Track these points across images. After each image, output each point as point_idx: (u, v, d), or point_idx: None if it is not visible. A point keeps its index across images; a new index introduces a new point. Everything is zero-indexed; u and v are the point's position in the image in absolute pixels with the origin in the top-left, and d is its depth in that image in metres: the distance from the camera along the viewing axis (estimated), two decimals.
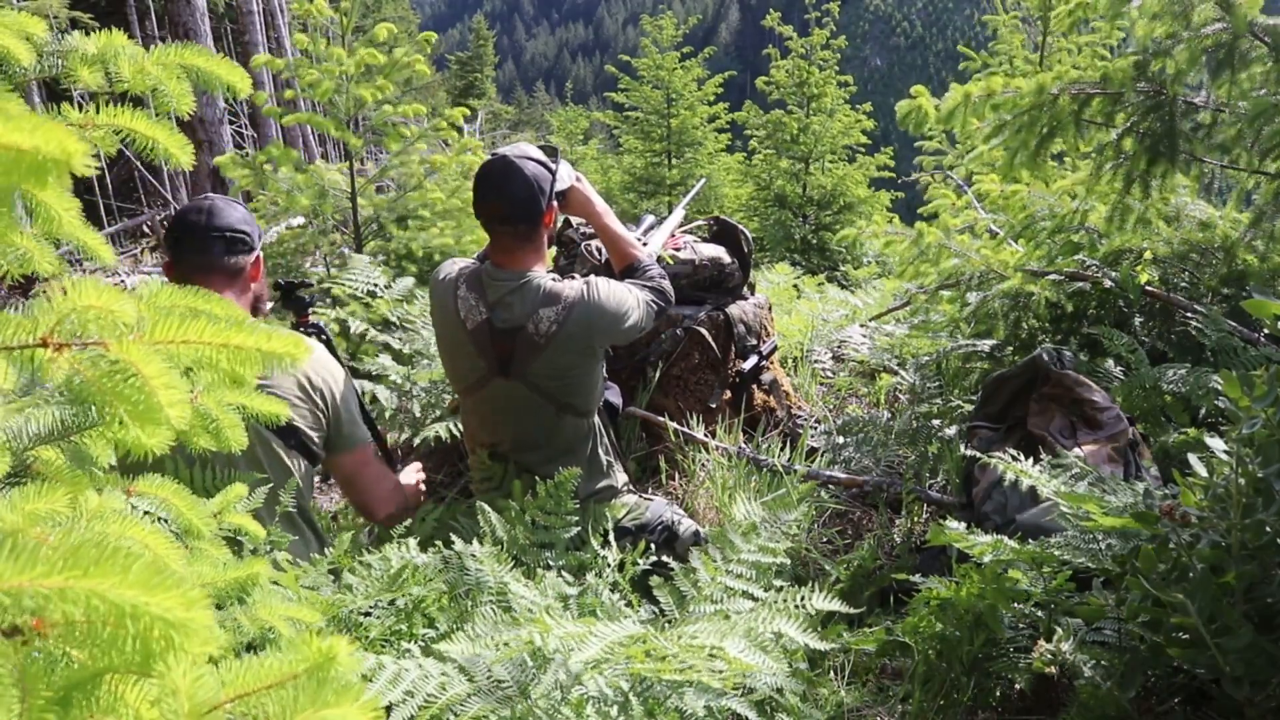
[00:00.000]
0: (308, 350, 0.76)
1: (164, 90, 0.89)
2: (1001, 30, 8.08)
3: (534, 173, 2.10)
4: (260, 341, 0.72)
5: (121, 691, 0.55)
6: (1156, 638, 1.42)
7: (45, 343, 0.65)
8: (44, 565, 0.48)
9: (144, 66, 0.88)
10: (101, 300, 0.66)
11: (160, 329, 0.68)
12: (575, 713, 1.16)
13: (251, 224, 1.96)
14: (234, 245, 1.90)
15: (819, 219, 10.41)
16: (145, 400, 0.64)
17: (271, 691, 0.60)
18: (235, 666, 0.61)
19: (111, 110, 0.83)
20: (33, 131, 0.53)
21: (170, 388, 0.65)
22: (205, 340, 0.70)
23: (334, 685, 0.60)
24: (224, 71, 0.92)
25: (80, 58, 0.87)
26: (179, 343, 0.69)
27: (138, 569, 0.49)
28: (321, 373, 1.97)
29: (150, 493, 0.97)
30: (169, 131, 0.84)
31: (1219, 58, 2.20)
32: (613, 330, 2.13)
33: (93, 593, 0.48)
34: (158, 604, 0.49)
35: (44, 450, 0.87)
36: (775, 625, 1.17)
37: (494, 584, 1.49)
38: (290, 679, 0.61)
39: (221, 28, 14.11)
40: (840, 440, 2.99)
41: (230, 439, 0.92)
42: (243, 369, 0.71)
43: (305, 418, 1.91)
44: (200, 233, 1.87)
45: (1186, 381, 2.36)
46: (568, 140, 15.90)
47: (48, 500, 0.73)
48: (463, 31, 74.11)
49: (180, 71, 0.90)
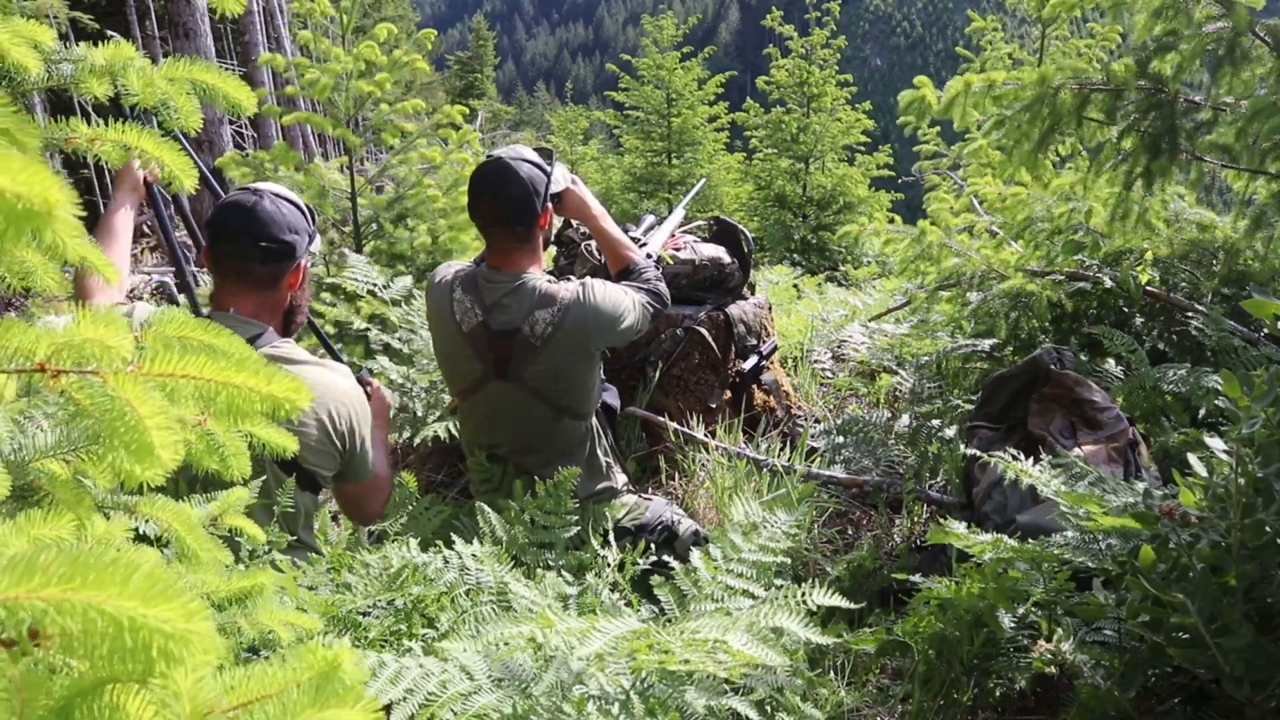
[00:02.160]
0: (309, 397, 0.74)
1: (172, 105, 0.90)
2: (988, 34, 8.05)
3: (529, 175, 2.10)
4: (261, 383, 0.70)
5: (122, 701, 0.54)
6: (1156, 638, 1.42)
7: (43, 368, 0.64)
8: (41, 577, 0.47)
9: (153, 80, 0.89)
10: (100, 333, 0.65)
11: (159, 362, 0.67)
12: (577, 710, 1.16)
13: (299, 229, 1.80)
14: (271, 254, 1.76)
15: (819, 219, 10.41)
16: (138, 439, 0.63)
17: (274, 697, 0.59)
18: (239, 674, 0.61)
19: (119, 127, 0.84)
20: (17, 175, 0.51)
21: (164, 428, 0.63)
22: (205, 377, 0.68)
23: (335, 687, 0.60)
24: (231, 89, 0.93)
25: (89, 69, 0.88)
26: (177, 376, 0.67)
27: (137, 580, 0.49)
28: (344, 409, 1.84)
29: (153, 515, 0.97)
30: (175, 152, 0.84)
31: (1219, 55, 2.20)
32: (608, 332, 2.13)
33: (90, 605, 0.47)
34: (157, 616, 0.48)
35: (50, 463, 0.87)
36: (776, 620, 1.17)
37: (494, 584, 1.49)
38: (294, 683, 0.60)
39: (222, 27, 14.10)
40: (840, 440, 2.99)
41: (235, 467, 0.91)
42: (245, 408, 0.70)
43: (320, 458, 1.81)
44: (238, 236, 1.75)
45: (1186, 381, 2.36)
46: (568, 140, 15.88)
47: (53, 526, 0.72)
48: (463, 31, 74.14)
49: (189, 87, 0.91)
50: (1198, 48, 2.22)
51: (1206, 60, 2.24)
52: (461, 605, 1.47)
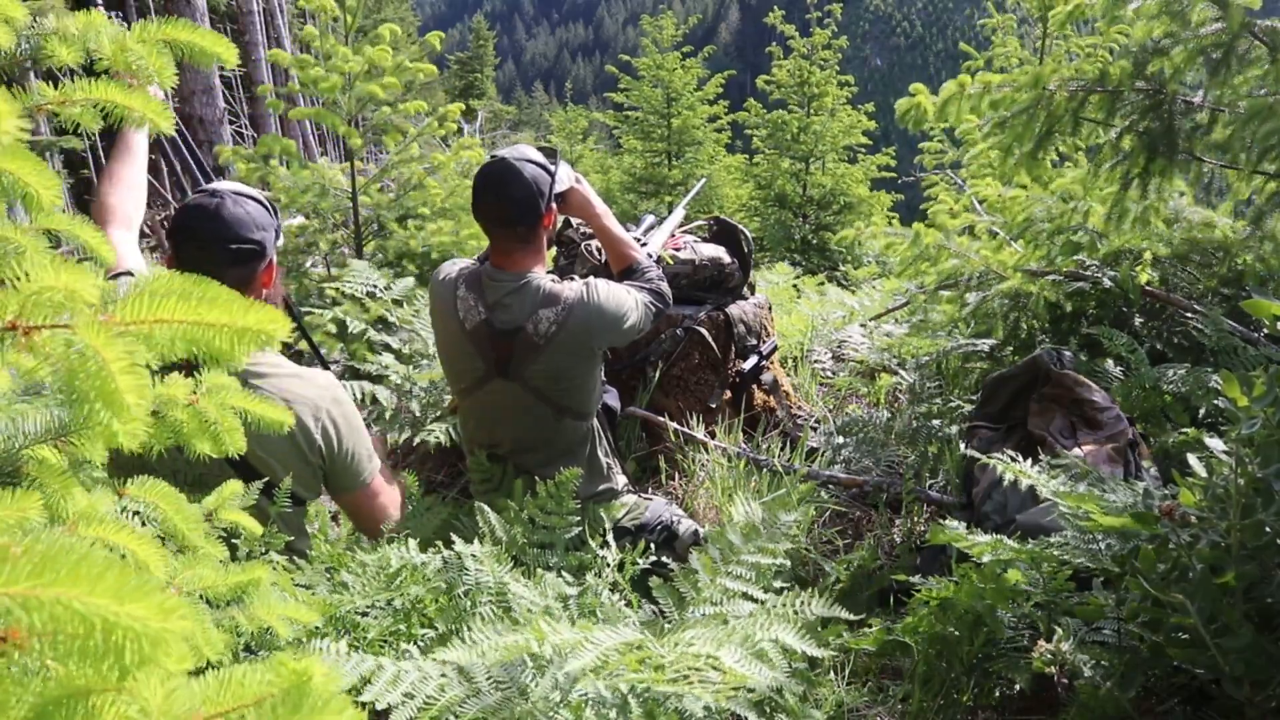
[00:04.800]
0: (286, 324, 0.69)
1: (145, 66, 0.85)
2: (998, 34, 8.07)
3: (533, 175, 2.10)
4: (235, 316, 0.65)
5: (99, 707, 0.52)
6: (1156, 638, 1.42)
7: (14, 326, 0.60)
8: (10, 571, 0.45)
9: (125, 44, 0.84)
10: (61, 279, 0.61)
11: (130, 309, 0.64)
12: (574, 715, 1.16)
13: (265, 225, 1.77)
14: (243, 256, 1.72)
15: (819, 219, 10.41)
16: (104, 386, 0.59)
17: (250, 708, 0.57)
18: (212, 682, 0.58)
19: (86, 84, 0.79)
20: None
21: (129, 373, 0.60)
22: (176, 319, 0.64)
23: (313, 701, 0.58)
24: (209, 43, 0.88)
25: (59, 37, 0.83)
26: (150, 322, 0.63)
27: (110, 576, 0.46)
28: (317, 423, 1.79)
29: (141, 496, 0.96)
30: (146, 99, 0.80)
31: (1216, 57, 2.20)
32: (612, 332, 2.13)
33: (59, 601, 0.45)
34: (129, 614, 0.45)
35: (41, 449, 0.86)
36: (773, 632, 1.17)
37: (493, 584, 1.49)
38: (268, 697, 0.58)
39: (222, 27, 14.11)
40: (840, 440, 2.99)
41: (230, 442, 0.91)
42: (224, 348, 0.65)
43: (293, 474, 1.72)
44: (207, 241, 1.69)
45: (1186, 381, 2.36)
46: (567, 140, 15.88)
47: (18, 507, 0.68)
48: (463, 31, 74.11)
49: (162, 46, 0.86)
50: (1195, 49, 2.22)
51: (1204, 61, 2.24)
52: (461, 606, 1.47)
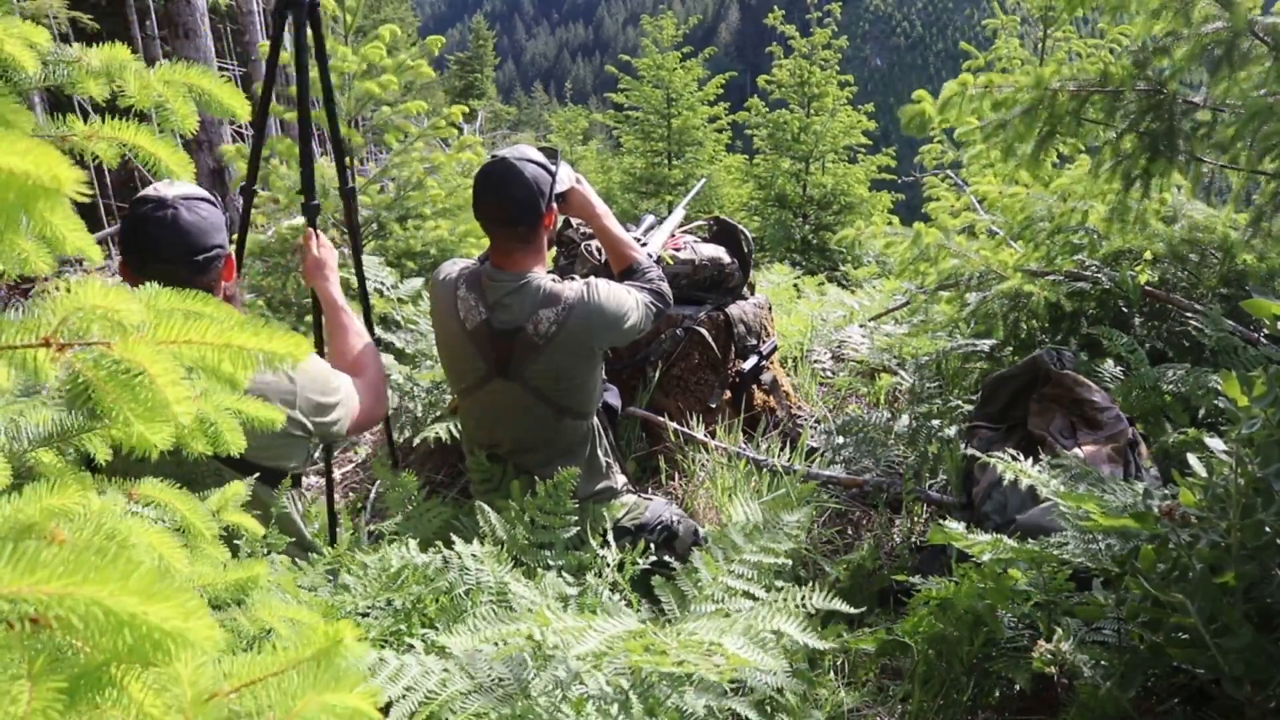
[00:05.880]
0: (309, 347, 0.76)
1: (168, 107, 0.91)
2: (1000, 34, 8.07)
3: (534, 175, 2.10)
4: (263, 342, 0.72)
5: (126, 682, 0.55)
6: (1156, 638, 1.42)
7: (47, 343, 0.65)
8: (44, 570, 0.48)
9: (149, 83, 0.90)
10: (106, 301, 0.67)
11: (164, 329, 0.69)
12: (575, 710, 1.16)
13: (220, 224, 1.73)
14: (205, 265, 1.69)
15: (819, 219, 10.41)
16: (153, 398, 0.65)
17: (274, 678, 0.60)
18: (239, 661, 0.62)
19: (116, 124, 0.84)
20: (25, 154, 0.52)
21: (176, 385, 0.66)
22: (208, 341, 0.70)
23: (335, 671, 0.61)
24: (225, 96, 0.94)
25: (86, 70, 0.89)
26: (182, 343, 0.69)
27: (138, 576, 0.49)
28: (290, 398, 1.76)
29: (153, 496, 0.97)
30: (171, 149, 0.85)
31: (1218, 55, 2.20)
32: (612, 332, 2.14)
33: (92, 600, 0.48)
34: (156, 613, 0.49)
35: (43, 453, 0.87)
36: (774, 624, 1.17)
37: (494, 584, 1.49)
38: (294, 665, 0.61)
39: (222, 27, 14.10)
40: (840, 440, 2.99)
41: (229, 442, 0.92)
42: (246, 369, 0.72)
43: (278, 451, 1.74)
44: (169, 254, 1.65)
45: (1186, 381, 2.36)
46: (567, 140, 15.89)
47: (60, 497, 0.74)
48: (463, 31, 74.14)
49: (185, 90, 0.92)
50: (1196, 48, 2.22)
51: (1205, 61, 2.24)
52: (461, 605, 1.47)
